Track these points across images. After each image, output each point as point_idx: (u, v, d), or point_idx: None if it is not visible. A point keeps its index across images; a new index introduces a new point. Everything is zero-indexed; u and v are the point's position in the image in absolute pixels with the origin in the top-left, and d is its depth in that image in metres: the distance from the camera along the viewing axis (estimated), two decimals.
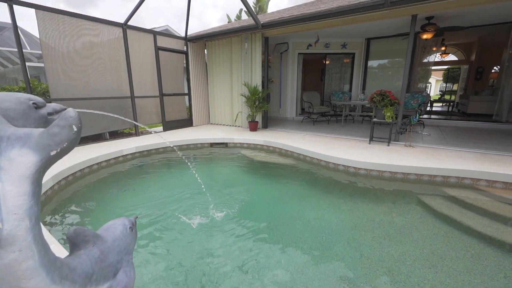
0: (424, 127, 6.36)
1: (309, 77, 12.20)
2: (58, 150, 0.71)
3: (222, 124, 7.38)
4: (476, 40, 10.08)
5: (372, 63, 7.93)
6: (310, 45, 7.76)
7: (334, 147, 4.34)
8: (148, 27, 9.38)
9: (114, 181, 3.74)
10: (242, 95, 6.32)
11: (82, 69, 4.87)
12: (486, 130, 5.99)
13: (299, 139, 5.06)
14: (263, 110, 6.19)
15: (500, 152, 3.84)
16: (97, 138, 5.53)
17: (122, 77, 5.55)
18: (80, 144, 4.85)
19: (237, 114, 6.63)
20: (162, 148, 5.07)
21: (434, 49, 8.59)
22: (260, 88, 6.12)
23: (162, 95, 6.32)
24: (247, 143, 5.31)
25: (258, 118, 6.35)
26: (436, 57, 11.20)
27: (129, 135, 6.12)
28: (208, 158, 4.94)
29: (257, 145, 5.21)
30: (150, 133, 6.51)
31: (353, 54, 7.96)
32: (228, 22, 15.13)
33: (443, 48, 9.58)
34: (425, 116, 8.26)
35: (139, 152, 4.74)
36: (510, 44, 6.52)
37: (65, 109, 0.82)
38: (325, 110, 7.25)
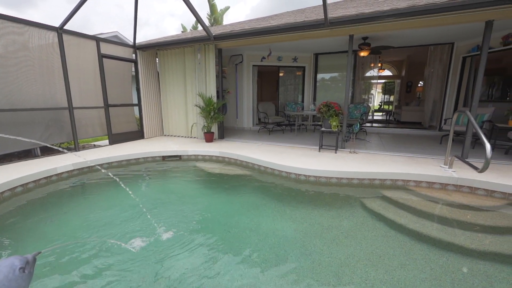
0: (367, 135, 7.02)
1: (267, 88, 12.61)
2: None
3: (177, 135, 7.09)
4: (405, 58, 11.69)
5: (321, 76, 8.56)
6: (263, 57, 8.04)
7: (288, 156, 4.49)
8: (98, 32, 8.61)
9: (43, 204, 3.25)
10: (196, 105, 6.19)
11: (4, 77, 4.21)
12: (415, 136, 6.89)
13: (255, 149, 5.11)
14: (218, 120, 6.13)
15: (424, 155, 4.43)
16: (25, 155, 4.79)
17: (57, 87, 4.96)
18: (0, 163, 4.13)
19: (192, 125, 6.44)
20: (107, 163, 4.62)
21: (372, 65, 9.67)
22: (215, 98, 6.07)
23: (107, 105, 5.82)
24: (202, 155, 5.16)
25: (214, 129, 6.27)
26: (375, 72, 12.66)
27: (67, 150, 5.45)
28: (159, 173, 4.65)
29: (212, 157, 5.10)
30: (94, 146, 5.90)
31: (304, 67, 8.49)
32: (183, 31, 14.87)
33: (379, 65, 10.88)
34: (368, 124, 9.17)
35: (78, 169, 4.23)
36: (429, 63, 7.70)
37: None
38: (280, 120, 7.52)
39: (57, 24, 4.84)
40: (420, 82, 12.15)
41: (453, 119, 3.45)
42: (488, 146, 2.56)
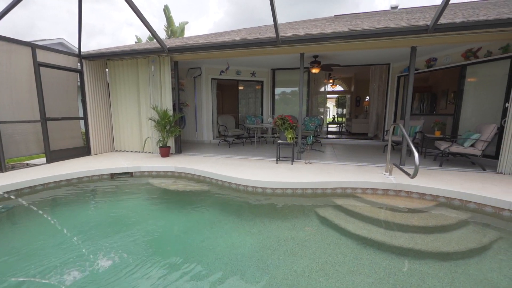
0: (321, 145, 7.44)
1: (228, 101, 12.65)
2: None
3: (129, 151, 6.60)
4: (353, 76, 12.89)
5: (280, 90, 8.94)
6: (222, 71, 8.11)
7: (246, 169, 4.49)
8: (44, 38, 7.78)
9: None
10: (151, 119, 5.88)
11: None
12: (363, 146, 7.53)
13: (213, 163, 5.01)
14: (175, 134, 5.89)
15: (370, 164, 4.85)
16: None
17: None
18: None
19: (146, 140, 6.08)
20: (41, 184, 4.05)
21: (325, 81, 10.42)
22: (171, 111, 5.86)
23: (45, 119, 5.18)
24: (156, 171, 4.87)
25: (171, 143, 6.01)
26: (328, 88, 13.69)
27: None
28: (105, 193, 4.22)
29: (167, 173, 4.84)
30: (26, 165, 5.14)
31: (262, 81, 8.77)
32: (136, 42, 14.29)
33: (331, 81, 11.80)
34: (324, 136, 9.77)
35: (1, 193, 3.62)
36: (371, 80, 8.62)
37: None
38: (239, 133, 7.55)
39: None
40: (367, 97, 13.48)
41: (390, 131, 3.86)
42: (416, 154, 2.91)
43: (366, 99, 13.65)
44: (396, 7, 7.71)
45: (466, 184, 3.53)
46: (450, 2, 3.52)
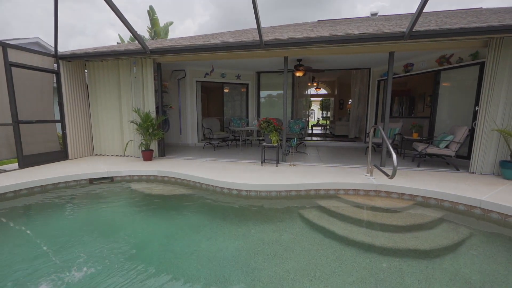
0: (306, 148, 7.55)
1: (213, 104, 12.53)
2: None
3: (110, 155, 6.37)
4: (336, 79, 13.22)
5: (266, 92, 8.99)
6: (207, 73, 8.05)
7: (230, 172, 4.46)
8: (18, 37, 7.39)
9: None
10: (132, 122, 5.72)
11: None
12: (346, 148, 7.72)
13: (198, 167, 4.94)
14: (158, 137, 5.76)
15: (352, 165, 4.97)
16: None
17: None
18: None
19: (127, 143, 5.90)
20: (12, 192, 3.81)
21: (309, 84, 10.60)
22: (153, 114, 5.72)
23: (17, 122, 4.90)
24: (138, 175, 4.73)
25: (154, 146, 5.86)
26: (312, 91, 13.94)
27: None
28: (83, 200, 4.04)
29: (150, 177, 4.72)
30: None
31: (247, 84, 8.79)
32: (118, 43, 13.90)
33: (315, 84, 12.03)
34: (308, 138, 9.91)
35: None
36: (353, 84, 8.88)
37: None
38: (225, 135, 7.51)
39: None
40: (350, 100, 13.84)
41: (370, 133, 3.99)
42: (394, 156, 3.01)
43: (349, 102, 14.01)
44: (375, 14, 8.02)
45: (441, 184, 3.71)
46: (425, 11, 3.72)
